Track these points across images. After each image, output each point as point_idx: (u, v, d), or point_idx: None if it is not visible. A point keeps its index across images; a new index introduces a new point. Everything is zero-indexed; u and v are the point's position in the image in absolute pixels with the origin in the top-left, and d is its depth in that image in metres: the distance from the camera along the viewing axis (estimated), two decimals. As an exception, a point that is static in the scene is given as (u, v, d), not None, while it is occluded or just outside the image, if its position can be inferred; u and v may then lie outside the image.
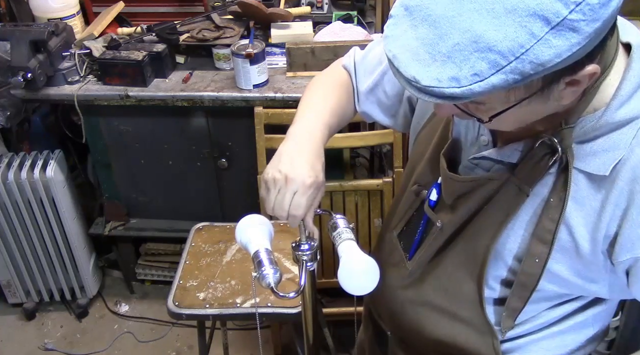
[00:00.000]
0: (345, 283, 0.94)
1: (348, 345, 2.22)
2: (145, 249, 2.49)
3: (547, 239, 0.83)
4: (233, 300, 1.57)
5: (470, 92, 0.63)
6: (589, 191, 0.79)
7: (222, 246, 1.75)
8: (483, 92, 0.63)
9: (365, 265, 0.93)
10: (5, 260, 2.32)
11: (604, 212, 0.78)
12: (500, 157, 0.86)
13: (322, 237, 1.93)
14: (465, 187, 0.91)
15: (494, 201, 0.88)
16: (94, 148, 2.19)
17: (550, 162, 0.80)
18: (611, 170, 0.76)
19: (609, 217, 0.78)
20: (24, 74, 1.88)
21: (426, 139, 1.03)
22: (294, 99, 1.91)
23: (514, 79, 0.62)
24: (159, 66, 2.00)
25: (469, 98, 0.65)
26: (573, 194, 0.80)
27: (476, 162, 0.90)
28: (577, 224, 0.81)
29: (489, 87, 0.63)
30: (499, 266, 0.90)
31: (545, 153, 0.80)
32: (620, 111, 0.76)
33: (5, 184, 2.15)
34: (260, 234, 1.00)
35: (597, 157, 0.78)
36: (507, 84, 0.63)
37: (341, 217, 1.05)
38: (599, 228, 0.79)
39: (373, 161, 2.47)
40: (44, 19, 2.12)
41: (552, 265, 0.84)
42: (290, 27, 2.12)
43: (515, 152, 0.85)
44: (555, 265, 0.84)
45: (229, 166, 2.13)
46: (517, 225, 0.86)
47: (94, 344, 2.37)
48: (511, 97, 0.69)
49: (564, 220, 0.81)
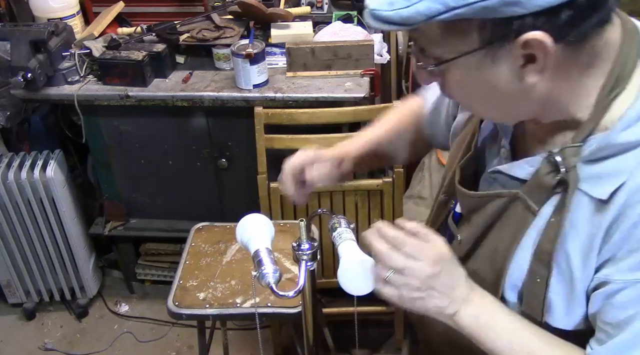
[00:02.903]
0: (345, 283, 0.94)
1: (348, 345, 2.22)
2: (145, 249, 2.49)
3: (545, 260, 0.79)
4: (233, 300, 1.57)
5: (398, 16, 0.68)
6: (589, 216, 0.75)
7: (222, 246, 1.75)
8: (409, 17, 0.67)
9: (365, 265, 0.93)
10: (5, 260, 2.32)
11: (595, 239, 0.74)
12: (512, 172, 0.83)
13: (322, 237, 1.94)
14: (474, 202, 0.89)
15: (504, 218, 0.84)
16: (94, 148, 2.19)
17: (554, 182, 0.76)
18: (610, 195, 0.72)
19: (600, 240, 0.74)
20: (24, 74, 1.88)
21: (458, 146, 1.00)
22: (294, 99, 1.91)
23: (437, 9, 0.65)
24: (159, 66, 2.00)
25: (399, 23, 0.68)
26: (572, 218, 0.76)
27: (494, 176, 0.87)
28: (573, 250, 0.76)
29: (414, 12, 0.67)
30: (513, 287, 0.85)
31: (551, 170, 0.77)
32: (626, 133, 0.71)
33: (5, 184, 2.15)
34: (260, 234, 1.00)
35: (602, 180, 0.73)
36: (430, 12, 0.66)
37: (341, 217, 1.05)
38: (589, 257, 0.75)
39: (373, 161, 2.47)
40: (44, 19, 2.12)
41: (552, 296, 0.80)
42: (290, 27, 2.12)
43: (526, 167, 0.81)
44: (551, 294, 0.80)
45: (229, 166, 2.13)
46: (527, 244, 0.82)
47: (94, 344, 2.37)
48: (450, 46, 0.71)
49: (561, 244, 0.77)
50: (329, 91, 1.90)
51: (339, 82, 1.94)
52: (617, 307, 0.74)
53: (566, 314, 0.80)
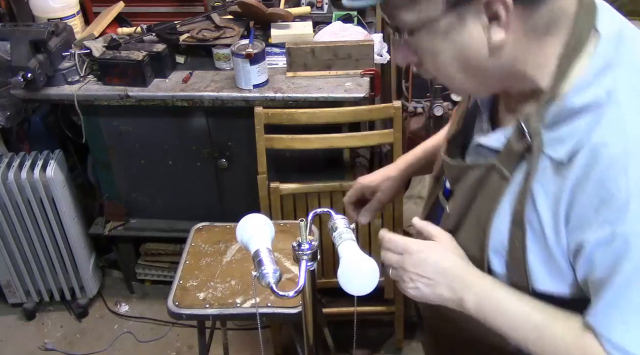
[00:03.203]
0: (345, 283, 0.94)
1: (348, 345, 2.22)
2: (145, 249, 2.49)
3: (519, 221, 0.83)
4: (233, 300, 1.57)
5: None
6: (553, 178, 0.80)
7: (222, 246, 1.75)
8: None
9: (365, 265, 0.93)
10: (5, 260, 2.32)
11: (562, 200, 0.78)
12: (489, 144, 0.89)
13: (322, 237, 1.94)
14: (456, 172, 0.96)
15: (483, 188, 0.90)
16: (94, 148, 2.19)
17: (521, 148, 0.82)
18: (570, 157, 0.77)
19: (565, 203, 0.78)
20: (24, 74, 1.88)
21: (451, 125, 1.09)
22: (294, 99, 1.91)
23: None
24: (159, 66, 2.00)
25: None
26: (540, 180, 0.81)
27: (477, 149, 0.93)
28: (543, 210, 0.81)
29: None
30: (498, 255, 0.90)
31: (519, 138, 0.83)
32: (577, 97, 0.77)
33: (5, 184, 2.15)
34: (261, 234, 1.01)
35: (561, 143, 0.78)
36: None
37: (342, 218, 1.06)
38: (558, 215, 0.79)
39: (373, 161, 2.47)
40: (44, 19, 2.12)
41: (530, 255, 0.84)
42: (290, 27, 2.12)
43: (502, 138, 0.87)
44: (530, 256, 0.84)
45: (229, 166, 2.13)
46: (504, 211, 0.86)
47: (94, 344, 2.37)
48: (419, 13, 0.77)
49: (532, 205, 0.82)
50: (329, 91, 1.90)
51: (339, 82, 1.94)
52: (598, 266, 0.77)
53: (551, 280, 0.84)
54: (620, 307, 0.76)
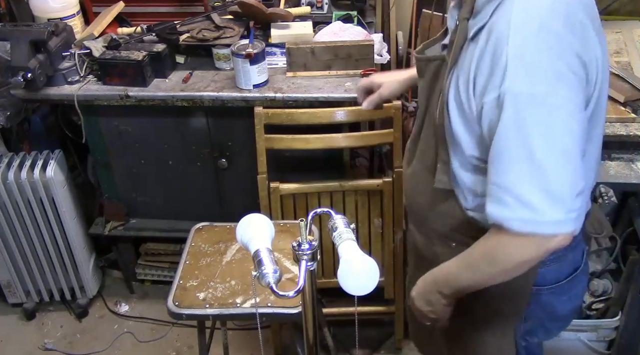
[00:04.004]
0: (345, 283, 0.94)
1: (348, 345, 2.22)
2: (145, 249, 2.49)
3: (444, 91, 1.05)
4: (233, 300, 1.57)
5: None
6: (468, 54, 1.00)
7: (222, 246, 1.75)
8: None
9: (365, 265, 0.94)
10: (5, 260, 2.32)
11: (470, 71, 0.98)
12: (445, 41, 1.10)
13: (322, 237, 1.94)
14: (419, 66, 1.18)
15: (437, 81, 1.10)
16: (94, 148, 2.19)
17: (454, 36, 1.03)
18: (475, 34, 0.99)
19: (473, 74, 0.97)
20: (24, 74, 1.88)
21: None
22: (294, 99, 1.91)
23: None
24: (159, 66, 2.00)
25: None
26: (462, 59, 1.01)
27: (439, 48, 1.15)
28: (461, 83, 1.00)
29: None
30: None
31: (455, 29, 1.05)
32: None
33: (5, 184, 2.15)
34: (261, 234, 1.01)
35: (475, 26, 0.99)
36: None
37: (341, 218, 1.06)
38: (468, 85, 0.98)
39: (373, 161, 2.48)
40: (44, 19, 2.12)
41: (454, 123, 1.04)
42: (290, 27, 2.12)
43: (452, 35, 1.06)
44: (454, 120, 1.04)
45: (229, 166, 2.13)
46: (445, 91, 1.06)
47: (94, 344, 2.37)
48: None
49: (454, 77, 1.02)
50: (329, 91, 1.90)
51: (339, 82, 1.94)
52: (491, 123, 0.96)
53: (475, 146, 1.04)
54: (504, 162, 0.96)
